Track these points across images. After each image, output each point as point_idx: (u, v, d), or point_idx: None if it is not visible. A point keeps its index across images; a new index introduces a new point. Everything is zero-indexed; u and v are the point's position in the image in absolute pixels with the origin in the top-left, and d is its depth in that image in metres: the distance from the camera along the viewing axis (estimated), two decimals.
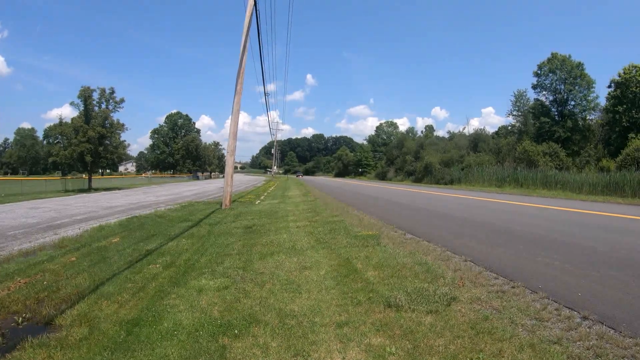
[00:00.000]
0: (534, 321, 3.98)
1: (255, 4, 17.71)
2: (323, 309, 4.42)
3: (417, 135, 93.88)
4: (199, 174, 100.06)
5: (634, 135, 38.71)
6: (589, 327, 3.84)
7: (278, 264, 6.60)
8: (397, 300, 4.49)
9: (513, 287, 5.07)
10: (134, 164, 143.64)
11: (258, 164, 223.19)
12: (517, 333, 3.68)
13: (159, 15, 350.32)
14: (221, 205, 17.60)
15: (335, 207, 16.30)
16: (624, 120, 41.85)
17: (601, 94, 66.12)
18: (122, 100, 40.42)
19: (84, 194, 32.62)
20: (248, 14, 17.46)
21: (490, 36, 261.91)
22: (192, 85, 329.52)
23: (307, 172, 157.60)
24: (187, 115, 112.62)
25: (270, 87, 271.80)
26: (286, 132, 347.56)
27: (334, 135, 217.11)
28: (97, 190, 38.57)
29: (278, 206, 17.86)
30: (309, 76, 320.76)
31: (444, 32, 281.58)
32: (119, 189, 42.76)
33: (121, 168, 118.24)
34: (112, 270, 6.81)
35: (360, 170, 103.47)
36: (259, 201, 21.51)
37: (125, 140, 41.95)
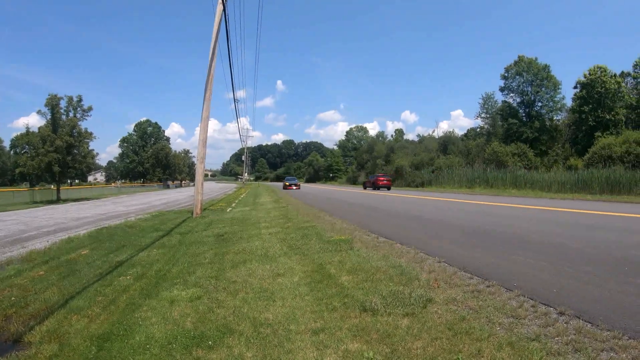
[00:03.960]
0: (511, 319, 4.00)
1: (224, 10, 17.63)
2: (298, 316, 4.37)
3: (387, 139, 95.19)
4: (170, 182, 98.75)
5: (600, 134, 40.37)
6: (566, 323, 3.88)
7: (251, 272, 6.51)
8: (373, 304, 4.46)
9: (488, 287, 5.10)
10: (104, 173, 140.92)
11: (229, 171, 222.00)
12: (495, 332, 3.69)
13: (128, 23, 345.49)
14: (192, 214, 17.40)
15: (307, 212, 16.26)
16: (590, 119, 43.70)
17: (567, 94, 68.46)
18: (89, 109, 40.21)
19: (53, 205, 31.90)
20: (217, 20, 17.37)
21: (458, 40, 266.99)
22: (161, 92, 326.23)
23: (278, 179, 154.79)
24: (156, 123, 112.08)
25: (240, 93, 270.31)
26: (256, 138, 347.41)
27: (304, 141, 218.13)
28: (65, 201, 37.69)
29: (250, 213, 17.71)
30: (279, 82, 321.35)
31: (413, 36, 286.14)
32: (88, 199, 41.98)
33: (90, 178, 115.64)
34: (81, 284, 6.64)
35: (331, 175, 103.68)
36: (230, 209, 21.31)
37: (93, 150, 41.74)
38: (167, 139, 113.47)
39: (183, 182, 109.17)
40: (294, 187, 53.14)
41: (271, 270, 6.58)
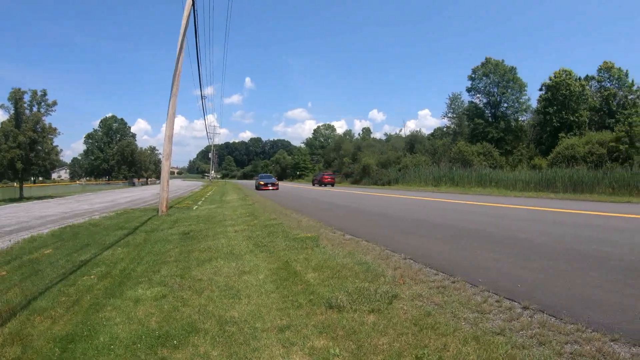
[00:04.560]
0: (476, 314, 4.06)
1: (193, 4, 17.33)
2: (264, 314, 4.32)
3: (355, 138, 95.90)
4: (135, 180, 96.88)
5: (564, 135, 41.87)
6: (530, 317, 3.97)
7: (216, 270, 6.43)
8: (339, 301, 4.44)
9: (453, 282, 5.18)
10: (68, 170, 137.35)
11: (195, 169, 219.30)
12: (461, 327, 3.73)
13: (94, 16, 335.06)
14: (158, 212, 17.09)
15: (274, 210, 16.26)
16: (554, 120, 45.43)
17: (533, 96, 70.39)
18: (54, 103, 39.26)
19: (15, 204, 30.96)
20: (185, 14, 17.10)
21: (426, 41, 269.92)
22: (128, 87, 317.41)
23: (245, 177, 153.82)
24: (122, 120, 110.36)
25: (208, 90, 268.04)
26: (224, 136, 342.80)
27: (271, 139, 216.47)
28: (29, 199, 36.72)
29: (216, 211, 17.54)
30: (247, 79, 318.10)
31: (382, 36, 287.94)
32: (52, 197, 40.57)
33: (54, 175, 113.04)
34: (44, 284, 6.38)
35: (298, 173, 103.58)
36: (196, 206, 21.06)
37: (58, 146, 40.82)
38: (133, 136, 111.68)
39: (149, 179, 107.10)
40: (271, 188, 38.81)
41: (237, 268, 6.51)
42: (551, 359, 3.10)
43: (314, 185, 54.66)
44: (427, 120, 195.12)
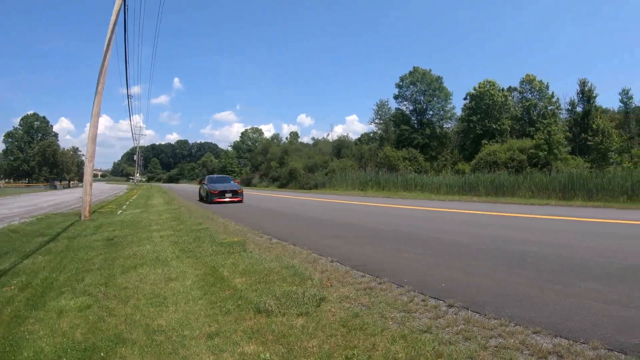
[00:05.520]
0: (403, 313, 4.19)
1: None
2: (192, 321, 4.23)
3: (282, 142, 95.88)
4: (57, 182, 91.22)
5: (486, 142, 44.49)
6: (455, 314, 4.16)
7: (142, 277, 6.23)
8: (267, 305, 4.44)
9: (380, 284, 5.33)
10: None
11: (120, 172, 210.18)
12: (388, 326, 3.83)
13: (15, 1, 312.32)
14: (80, 217, 16.19)
15: (200, 214, 15.98)
16: (477, 128, 48.39)
17: (458, 105, 73.35)
18: None
19: None
20: (116, 8, 16.41)
21: (356, 48, 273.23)
22: (51, 82, 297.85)
23: (172, 180, 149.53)
24: (44, 118, 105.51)
25: (135, 89, 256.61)
26: (150, 137, 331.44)
27: (198, 142, 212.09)
28: None
29: (141, 215, 16.99)
30: (176, 79, 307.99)
31: (311, 41, 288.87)
32: None
33: None
34: None
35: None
36: (120, 211, 20.30)
37: None
38: (56, 135, 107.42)
39: (72, 182, 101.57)
40: (229, 199, 23.73)
41: (163, 274, 6.34)
42: (477, 353, 3.25)
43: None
44: (354, 125, 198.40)
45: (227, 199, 23.62)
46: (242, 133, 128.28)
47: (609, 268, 5.91)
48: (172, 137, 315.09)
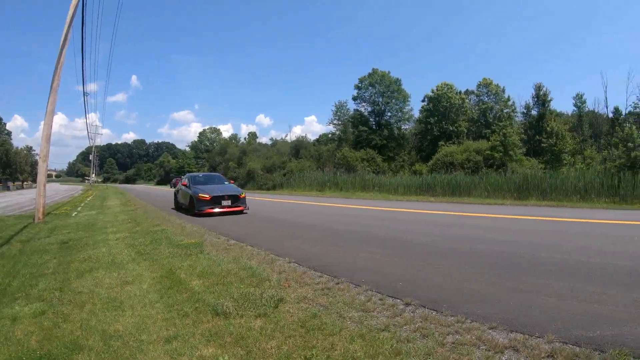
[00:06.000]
0: (361, 313, 4.25)
1: None
2: (149, 325, 4.18)
3: (241, 142, 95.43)
4: (10, 183, 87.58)
5: (443, 143, 45.66)
6: (412, 312, 4.26)
7: (98, 281, 6.10)
8: (225, 307, 4.43)
9: (338, 284, 5.40)
10: None
11: (75, 172, 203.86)
12: (347, 326, 3.88)
13: None
14: (34, 219, 15.64)
15: (157, 216, 15.85)
16: (435, 130, 49.78)
17: (416, 106, 74.61)
18: None
19: None
20: (74, 2, 15.95)
21: (315, 49, 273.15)
22: (4, 78, 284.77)
23: (128, 181, 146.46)
24: None
25: (92, 86, 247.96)
26: (106, 136, 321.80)
27: (156, 141, 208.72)
28: None
29: (96, 217, 16.60)
30: (134, 77, 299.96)
31: (271, 42, 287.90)
32: None
33: None
34: None
35: (182, 177, 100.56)
36: (75, 213, 19.76)
37: None
38: (9, 134, 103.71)
39: (25, 183, 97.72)
40: (226, 208, 16.04)
41: (119, 278, 6.25)
42: (434, 350, 3.34)
43: (172, 187, 58.52)
44: (313, 126, 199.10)
45: (224, 209, 15.78)
46: (200, 133, 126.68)
47: (563, 265, 6.13)
48: (129, 137, 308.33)
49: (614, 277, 5.35)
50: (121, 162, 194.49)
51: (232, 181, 21.21)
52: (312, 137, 76.88)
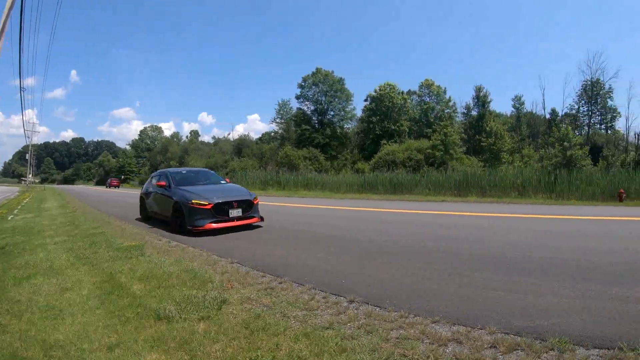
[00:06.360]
0: (305, 312, 4.29)
1: None
2: (90, 333, 4.05)
3: (183, 141, 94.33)
4: None
5: (385, 142, 46.84)
6: (356, 309, 4.33)
7: (36, 289, 5.84)
8: (167, 311, 4.35)
9: (281, 283, 5.42)
10: None
11: (11, 172, 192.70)
12: (291, 325, 3.91)
13: None
14: None
15: (97, 218, 15.28)
16: (377, 129, 51.12)
17: (358, 106, 75.71)
18: None
19: None
20: None
21: (259, 47, 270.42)
22: None
23: (67, 181, 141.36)
24: None
25: (29, 81, 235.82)
26: (44, 134, 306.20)
27: (95, 140, 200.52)
28: None
29: (34, 220, 15.88)
30: (73, 72, 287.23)
31: (213, 39, 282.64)
32: None
33: None
34: None
35: (123, 177, 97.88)
36: (11, 216, 18.84)
37: None
38: None
39: None
40: (236, 221, 10.48)
41: (58, 284, 6.01)
42: (379, 346, 3.41)
43: (107, 187, 68.86)
44: (256, 124, 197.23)
45: (233, 223, 10.50)
46: (141, 131, 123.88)
47: (509, 259, 6.37)
48: (68, 135, 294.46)
49: (556, 270, 5.61)
50: (59, 162, 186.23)
51: (227, 179, 14.89)
52: (255, 136, 77.31)
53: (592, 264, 5.91)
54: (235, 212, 10.46)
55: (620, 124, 60.50)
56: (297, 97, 58.60)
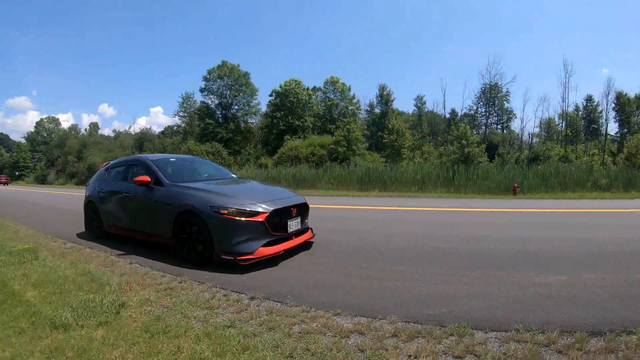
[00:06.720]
0: (206, 311, 4.30)
1: None
2: None
3: (81, 133, 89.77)
4: None
5: (289, 137, 47.55)
6: (257, 306, 4.42)
7: None
8: (64, 318, 4.17)
9: (181, 282, 5.38)
10: None
11: None
12: (192, 326, 3.90)
13: None
14: None
15: None
16: (281, 124, 51.84)
17: (263, 101, 75.79)
18: None
19: None
20: None
21: (162, 36, 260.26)
22: None
23: None
24: None
25: None
26: None
27: None
28: None
29: None
30: None
31: (115, 27, 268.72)
32: None
33: None
34: None
35: (17, 173, 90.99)
36: None
37: None
38: None
39: None
40: (295, 238, 6.74)
41: None
42: (282, 341, 3.51)
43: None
44: (159, 117, 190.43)
45: (292, 241, 6.65)
46: (37, 123, 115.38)
47: (414, 250, 6.74)
48: None
49: (458, 260, 6.01)
50: None
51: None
52: (157, 129, 75.36)
53: (491, 252, 6.44)
54: (294, 224, 6.73)
55: (515, 125, 65.85)
56: (202, 90, 58.03)
